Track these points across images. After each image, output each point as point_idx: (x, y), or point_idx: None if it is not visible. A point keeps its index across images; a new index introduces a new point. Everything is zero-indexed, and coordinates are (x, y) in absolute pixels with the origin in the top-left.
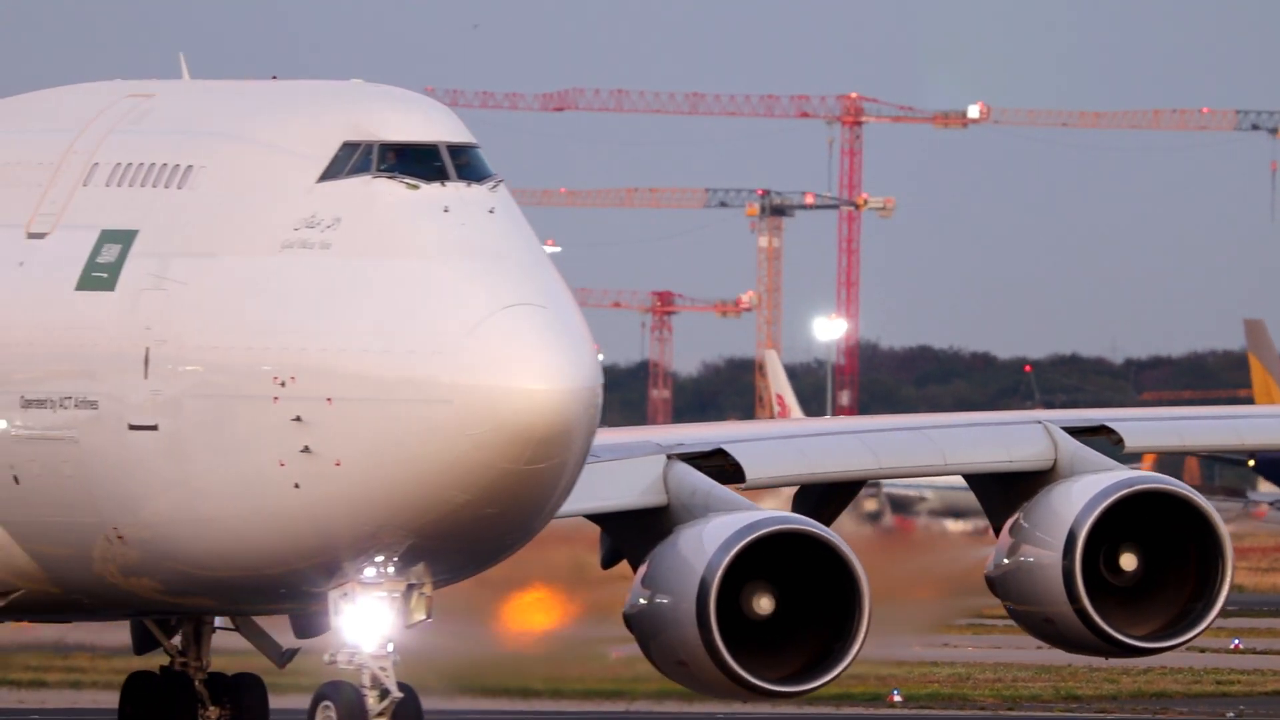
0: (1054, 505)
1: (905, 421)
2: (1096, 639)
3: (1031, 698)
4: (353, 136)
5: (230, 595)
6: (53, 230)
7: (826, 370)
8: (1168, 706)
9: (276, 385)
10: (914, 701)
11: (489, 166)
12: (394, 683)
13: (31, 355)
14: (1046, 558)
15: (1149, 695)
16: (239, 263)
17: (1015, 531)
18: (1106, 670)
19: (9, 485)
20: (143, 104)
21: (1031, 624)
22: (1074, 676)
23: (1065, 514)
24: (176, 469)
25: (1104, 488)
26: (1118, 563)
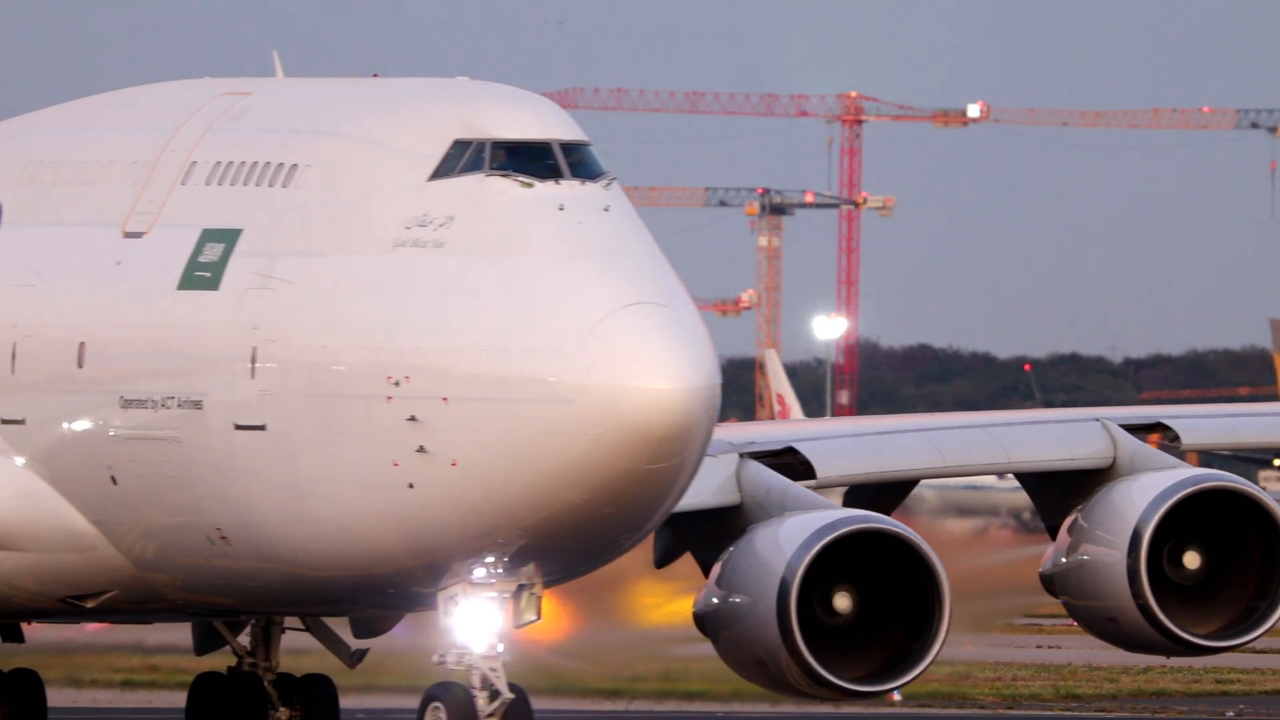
0: (1116, 503)
1: (968, 419)
2: (1161, 637)
3: (1031, 696)
4: (464, 134)
5: (335, 596)
6: (150, 229)
7: (826, 369)
8: (1167, 706)
9: (390, 385)
10: (914, 700)
11: (601, 164)
12: (505, 683)
13: (131, 355)
14: (1109, 556)
15: (1149, 694)
16: (349, 262)
17: (1075, 530)
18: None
19: (105, 485)
20: (240, 102)
21: (1092, 622)
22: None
23: (1128, 512)
24: (284, 469)
25: (1168, 486)
26: (1180, 561)
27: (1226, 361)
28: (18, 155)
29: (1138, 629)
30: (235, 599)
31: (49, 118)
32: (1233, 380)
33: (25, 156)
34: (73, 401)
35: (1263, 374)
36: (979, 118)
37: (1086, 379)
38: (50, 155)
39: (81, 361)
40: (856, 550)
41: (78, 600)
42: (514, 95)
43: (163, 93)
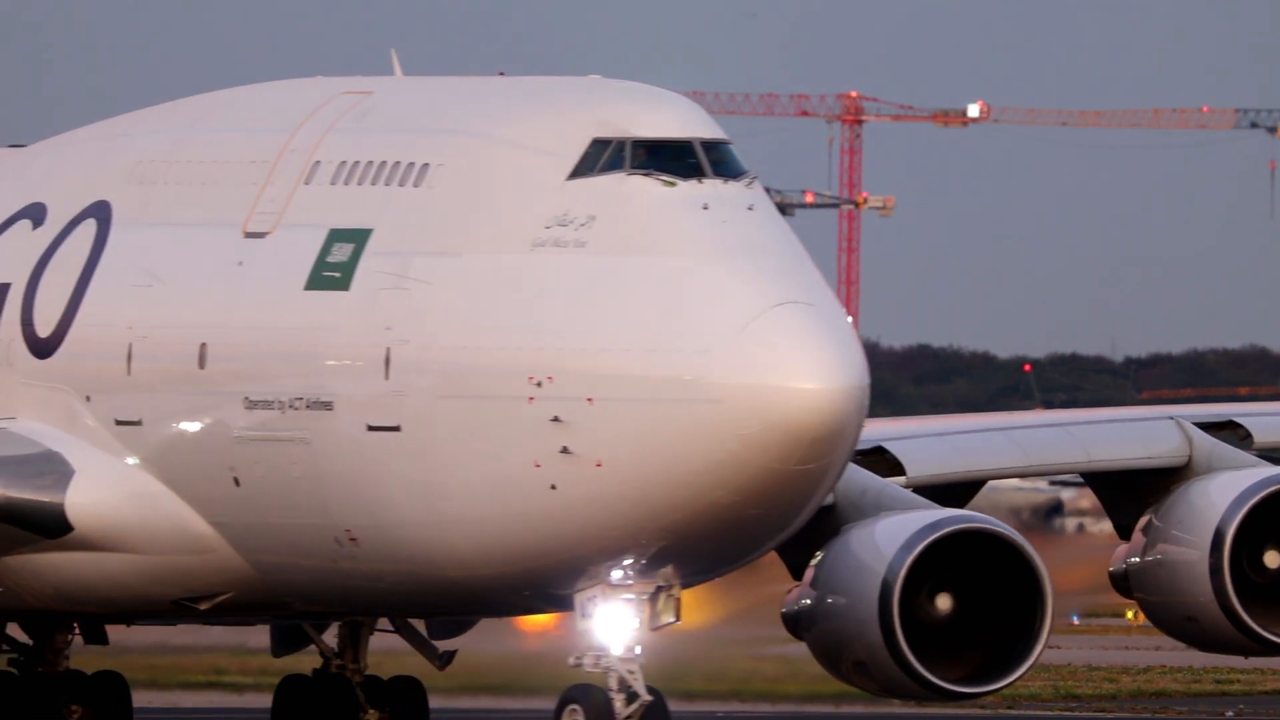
0: (1195, 503)
1: (1046, 418)
2: (1243, 637)
3: (1030, 696)
4: (603, 133)
5: (467, 598)
6: (273, 230)
7: None
8: (1167, 706)
9: (532, 385)
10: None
11: (742, 163)
12: (643, 686)
13: (256, 356)
14: (1189, 555)
15: (1149, 694)
16: (487, 261)
17: (1150, 529)
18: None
19: (228, 487)
20: (362, 101)
21: (1169, 621)
22: (1073, 675)
23: (1208, 512)
24: (420, 470)
25: (1250, 485)
26: (1260, 561)
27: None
28: (125, 155)
29: (1219, 629)
30: (358, 601)
31: (155, 117)
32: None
33: (133, 156)
34: (193, 402)
35: (1263, 374)
36: (979, 118)
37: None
38: (160, 155)
39: (203, 362)
40: (951, 550)
41: (191, 602)
42: (653, 93)
43: (276, 92)
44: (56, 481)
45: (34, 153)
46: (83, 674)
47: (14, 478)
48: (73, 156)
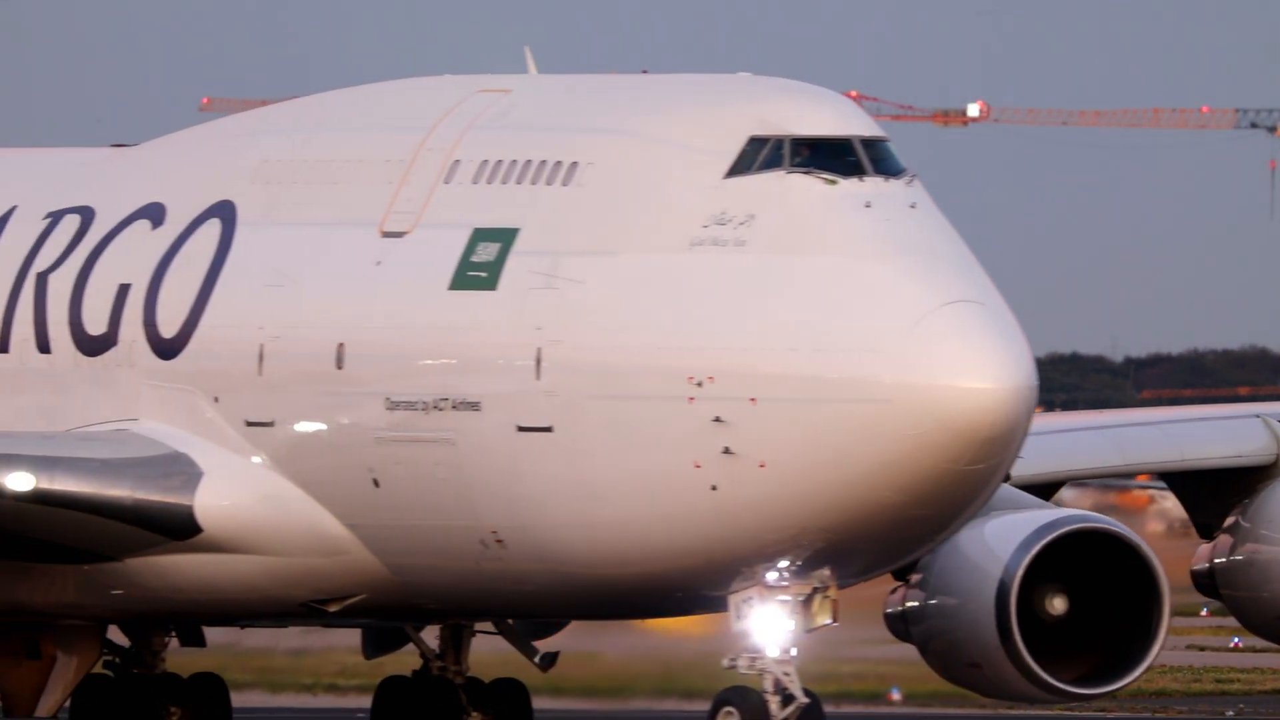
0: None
1: (1136, 416)
2: None
3: None
4: (760, 131)
5: (616, 599)
6: (413, 229)
7: None
8: (1167, 705)
9: (692, 386)
10: (914, 699)
11: (901, 160)
12: (799, 688)
13: (398, 356)
14: None
15: (1149, 694)
16: (642, 261)
17: (1237, 529)
18: None
19: (365, 488)
20: (501, 100)
21: (1259, 619)
22: None
23: None
24: (573, 471)
25: None
26: None
27: (1226, 361)
28: (248, 155)
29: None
30: (498, 602)
31: (276, 117)
32: (1233, 380)
33: (257, 156)
34: (330, 403)
35: (1262, 374)
36: (979, 118)
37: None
38: (286, 154)
39: (341, 363)
40: (1064, 549)
41: (320, 604)
42: (810, 91)
43: (405, 91)
44: (184, 483)
45: (146, 152)
46: (179, 676)
47: (141, 479)
48: (191, 156)
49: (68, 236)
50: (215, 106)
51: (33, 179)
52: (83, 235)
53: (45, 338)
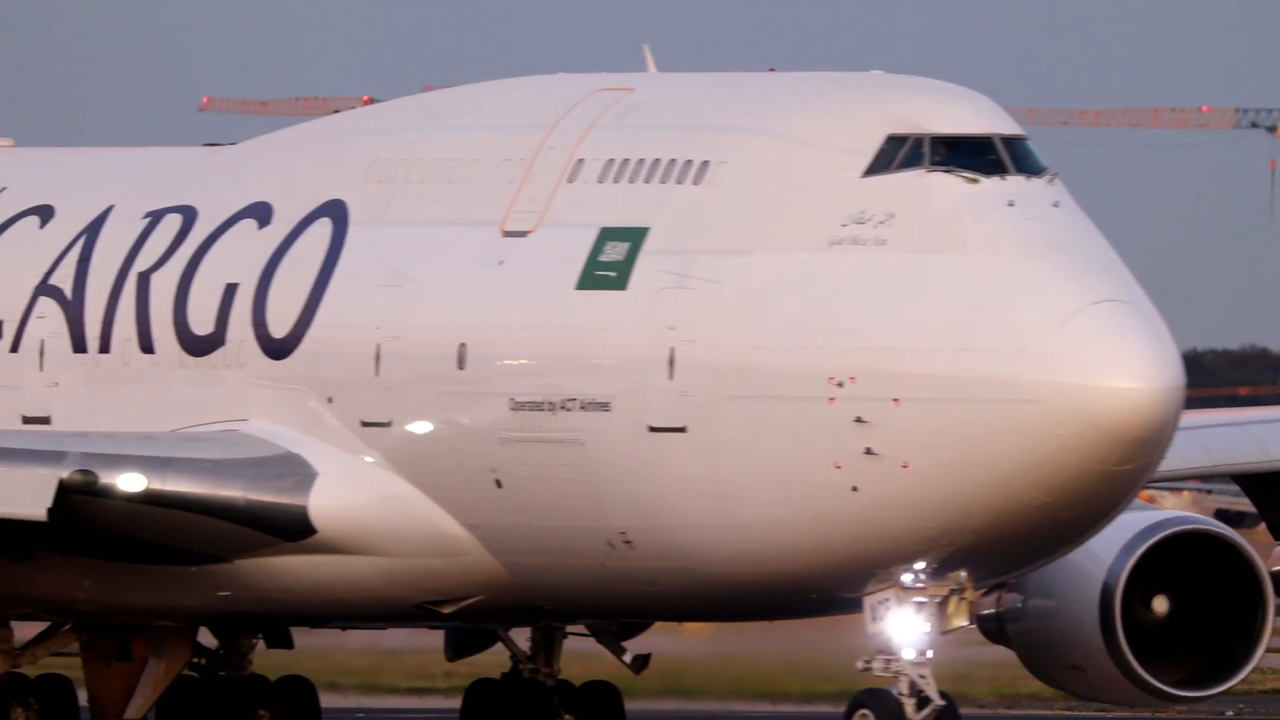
0: None
1: (1217, 417)
2: None
3: (1031, 696)
4: (898, 129)
5: (747, 601)
6: (536, 228)
7: None
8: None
9: (833, 386)
10: None
11: (1041, 159)
12: (934, 690)
13: (523, 356)
14: None
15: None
16: (779, 260)
17: None
18: None
19: (488, 489)
20: (625, 98)
21: None
22: None
23: None
24: (706, 471)
25: None
26: None
27: (1226, 361)
28: (359, 154)
29: None
30: (621, 603)
31: (387, 115)
32: (1233, 380)
33: (368, 155)
34: (451, 404)
35: (1262, 374)
36: None
37: None
38: (398, 153)
39: (462, 363)
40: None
41: (434, 606)
42: (948, 89)
43: (521, 89)
44: (298, 484)
45: (246, 152)
46: (265, 679)
47: (254, 480)
48: (296, 156)
49: (169, 236)
50: (215, 106)
51: (127, 179)
52: (185, 235)
53: (148, 338)
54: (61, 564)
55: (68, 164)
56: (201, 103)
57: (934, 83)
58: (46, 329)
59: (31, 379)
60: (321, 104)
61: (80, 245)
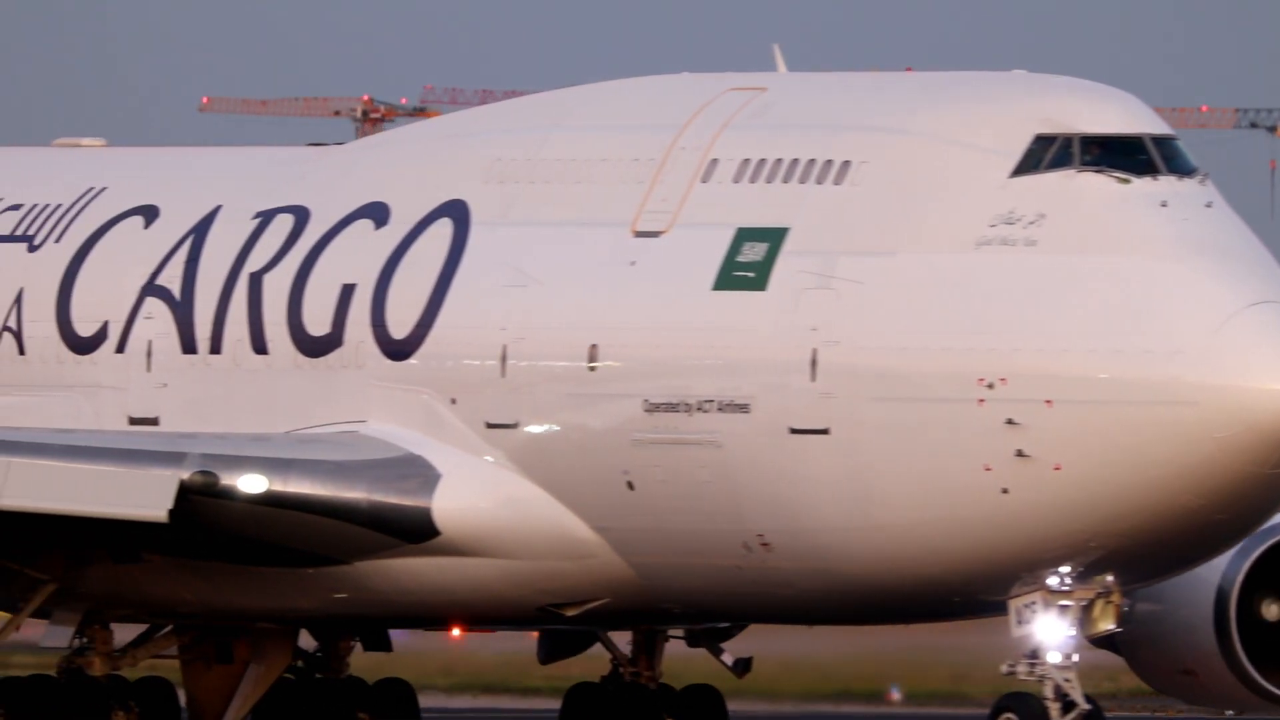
0: None
1: None
2: None
3: None
4: (1046, 129)
5: (887, 603)
6: (669, 229)
7: None
8: (1167, 705)
9: (982, 387)
10: (913, 699)
11: (1192, 159)
12: (1080, 694)
13: (658, 358)
14: None
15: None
16: (925, 261)
17: None
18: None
19: (619, 491)
20: (757, 98)
21: None
22: None
23: None
24: (849, 473)
25: None
26: None
27: None
28: (478, 154)
29: None
30: (755, 606)
31: (505, 115)
32: None
33: (488, 155)
34: (582, 405)
35: None
36: None
37: None
38: (521, 153)
39: (593, 364)
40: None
41: (557, 608)
42: (1096, 88)
43: (646, 88)
44: (421, 485)
45: (359, 152)
46: (363, 681)
47: (376, 481)
48: (412, 156)
49: (281, 237)
50: (215, 106)
51: (233, 179)
52: (298, 235)
53: (261, 339)
54: (169, 566)
55: (168, 164)
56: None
57: (1081, 82)
58: (154, 330)
59: (139, 380)
60: (321, 104)
61: (188, 245)
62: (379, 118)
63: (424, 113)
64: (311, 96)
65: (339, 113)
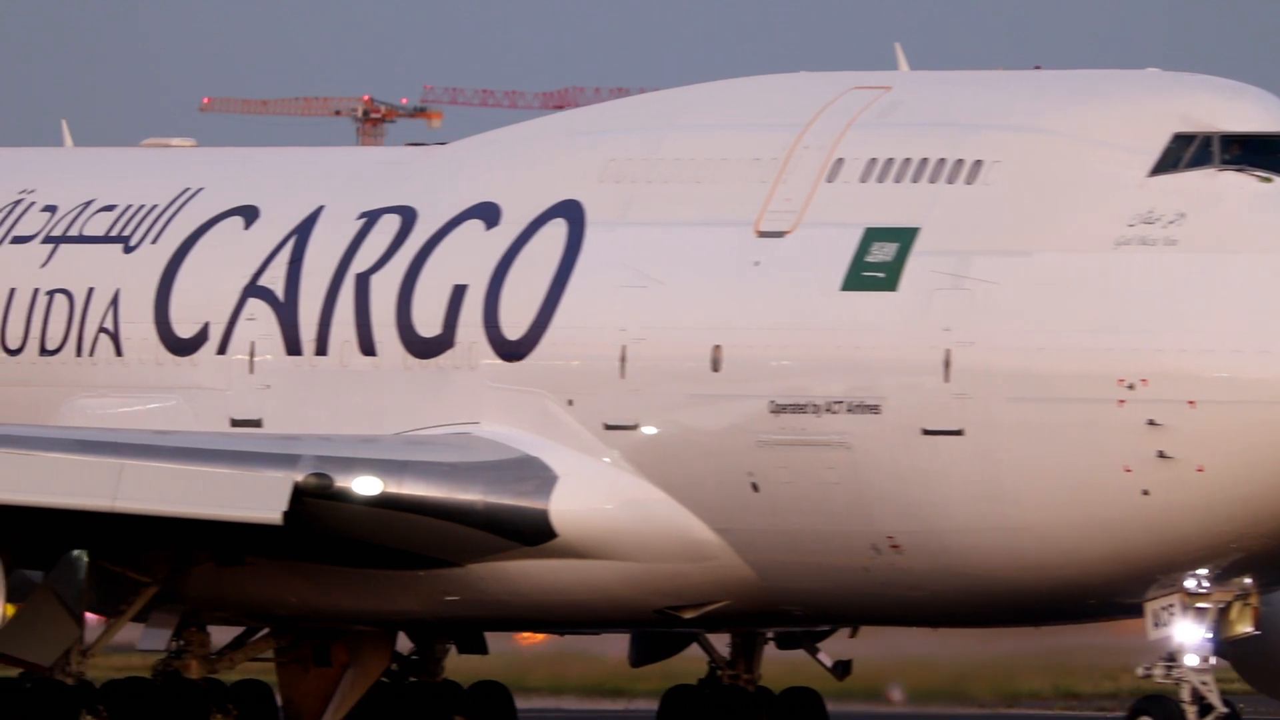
0: None
1: None
2: None
3: (1031, 694)
4: (1184, 128)
5: (1020, 605)
6: (794, 228)
7: None
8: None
9: (1123, 388)
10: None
11: None
12: (1218, 698)
13: (785, 358)
14: None
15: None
16: (1061, 260)
17: None
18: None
19: (742, 493)
20: (883, 97)
21: None
22: (1073, 673)
23: None
24: (984, 475)
25: None
26: None
27: None
28: (592, 154)
29: None
30: (880, 608)
31: (619, 114)
32: None
33: (603, 155)
34: (704, 406)
35: None
36: None
37: None
38: (637, 153)
39: (717, 365)
40: None
41: (675, 611)
42: (1233, 85)
43: (765, 87)
44: (538, 487)
45: (465, 152)
46: (458, 685)
47: (492, 483)
48: (523, 156)
49: (388, 237)
50: (215, 106)
51: (334, 179)
52: (405, 235)
53: (369, 340)
54: (274, 568)
55: (265, 164)
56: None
57: (1218, 79)
58: (257, 331)
59: (241, 381)
60: (321, 104)
61: (291, 246)
62: (379, 118)
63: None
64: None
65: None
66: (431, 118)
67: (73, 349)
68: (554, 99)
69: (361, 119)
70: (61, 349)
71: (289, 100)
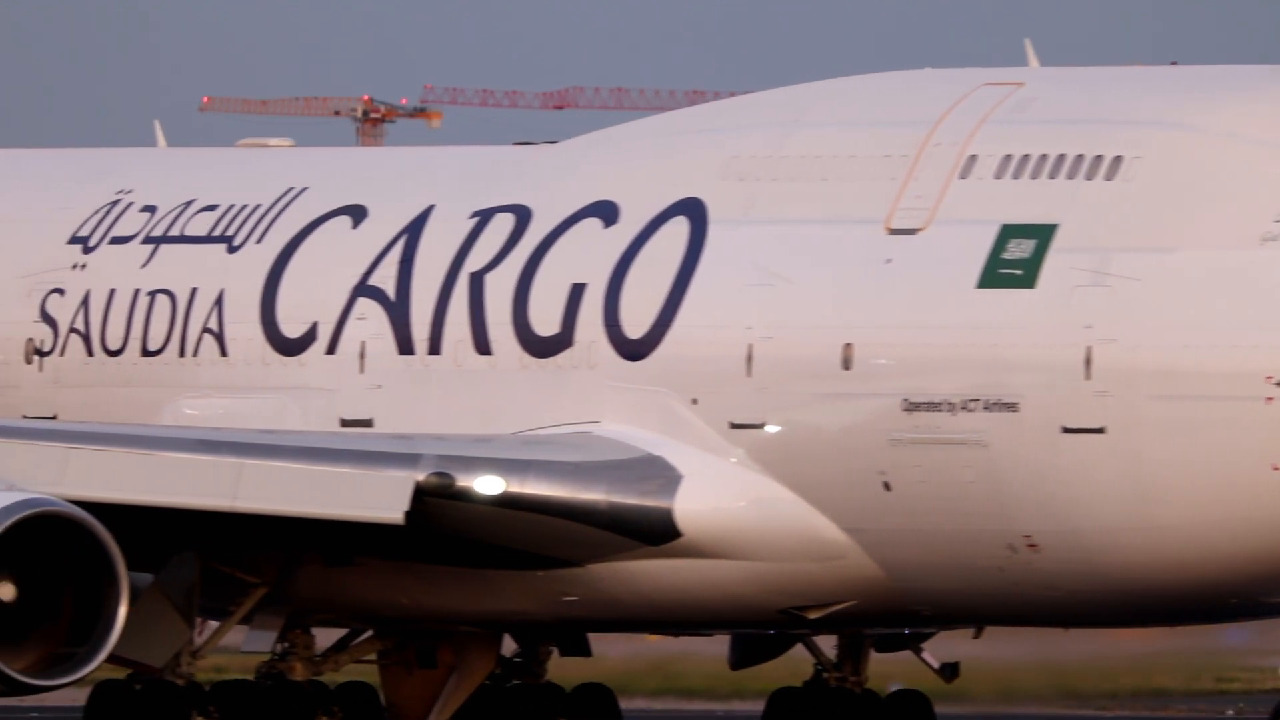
0: None
1: None
2: None
3: (1030, 695)
4: None
5: (1160, 605)
6: (926, 226)
7: None
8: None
9: (1271, 385)
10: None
11: None
12: None
13: (920, 357)
14: None
15: (1148, 692)
16: (1206, 257)
17: None
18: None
19: (874, 492)
20: (1015, 93)
21: None
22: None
23: None
24: (1127, 474)
25: None
26: None
27: None
28: (713, 151)
29: None
30: (1013, 608)
31: (739, 112)
32: None
33: (725, 152)
34: (835, 405)
35: None
36: None
37: None
38: (760, 151)
39: (848, 363)
40: None
41: (800, 611)
42: None
43: (891, 85)
44: (663, 486)
45: (578, 150)
46: (561, 687)
47: (615, 483)
48: (640, 154)
49: (502, 236)
50: (215, 106)
51: (443, 179)
52: (520, 234)
53: (484, 339)
54: (385, 569)
55: (370, 164)
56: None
57: None
58: (368, 330)
59: (351, 381)
60: (321, 104)
61: (401, 245)
62: (379, 118)
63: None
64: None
65: (339, 113)
66: (431, 118)
67: (175, 349)
68: (554, 99)
69: (361, 119)
70: (164, 349)
71: (289, 100)
